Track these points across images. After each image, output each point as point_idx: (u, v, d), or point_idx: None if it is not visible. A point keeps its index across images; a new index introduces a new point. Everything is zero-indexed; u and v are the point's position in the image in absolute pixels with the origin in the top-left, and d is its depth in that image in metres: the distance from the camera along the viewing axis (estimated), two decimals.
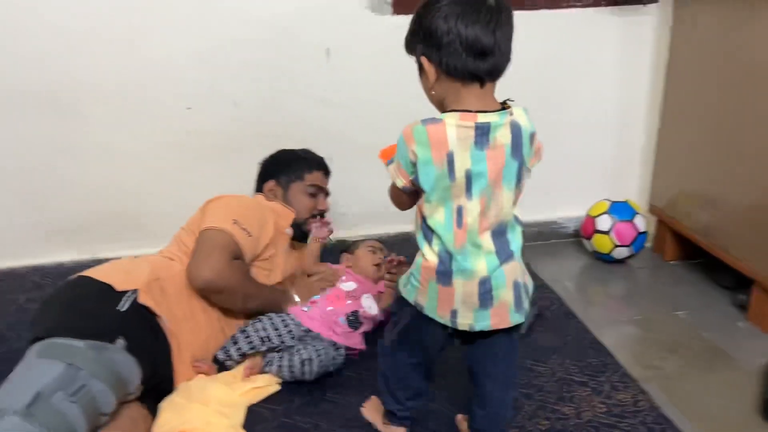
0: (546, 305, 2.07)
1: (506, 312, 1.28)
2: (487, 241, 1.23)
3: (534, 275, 2.24)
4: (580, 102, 2.55)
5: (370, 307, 1.86)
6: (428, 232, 1.25)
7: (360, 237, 2.48)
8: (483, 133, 1.18)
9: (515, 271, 1.27)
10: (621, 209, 2.47)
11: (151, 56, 2.26)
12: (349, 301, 1.85)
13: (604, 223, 2.45)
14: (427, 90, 1.25)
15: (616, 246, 2.43)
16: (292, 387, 1.68)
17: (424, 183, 1.21)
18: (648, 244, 2.55)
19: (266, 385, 1.66)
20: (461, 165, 1.18)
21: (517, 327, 1.32)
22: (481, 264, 1.23)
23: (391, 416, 1.49)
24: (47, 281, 2.27)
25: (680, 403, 1.68)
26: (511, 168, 1.21)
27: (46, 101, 2.25)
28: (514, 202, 1.26)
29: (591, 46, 2.48)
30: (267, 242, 1.87)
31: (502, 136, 1.20)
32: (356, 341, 1.79)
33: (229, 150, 2.40)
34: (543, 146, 1.30)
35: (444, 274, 1.24)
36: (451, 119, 1.18)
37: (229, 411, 1.54)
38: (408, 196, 1.30)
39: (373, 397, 1.57)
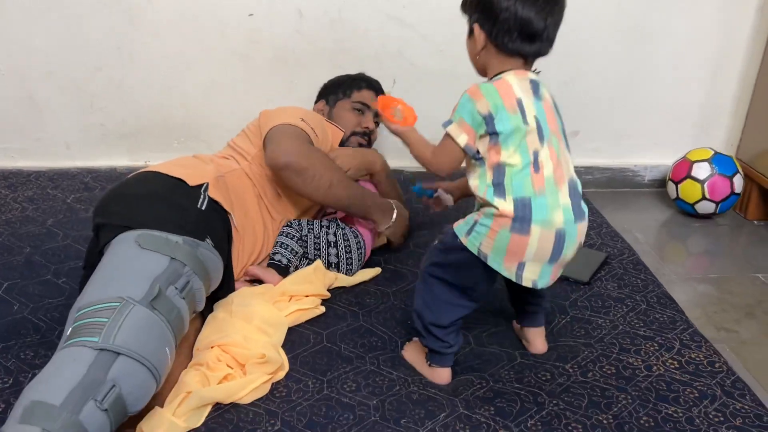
0: (614, 254, 1.92)
1: (561, 268, 1.31)
2: (564, 192, 1.25)
3: (602, 223, 2.12)
4: (671, 41, 2.33)
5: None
6: (501, 182, 1.22)
7: (415, 168, 2.38)
8: (536, 87, 1.26)
9: (584, 232, 1.29)
10: (724, 162, 2.25)
11: None
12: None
13: (702, 170, 2.24)
14: (472, 55, 1.30)
15: (704, 198, 2.23)
16: (339, 313, 1.61)
17: (502, 128, 1.21)
18: None
19: (313, 306, 1.59)
20: (530, 111, 1.23)
21: None
22: (558, 215, 1.23)
23: (435, 356, 1.39)
24: (98, 184, 2.24)
25: (754, 369, 1.54)
26: (560, 122, 1.29)
27: (112, 1, 2.17)
28: (569, 161, 1.30)
29: None
30: (327, 150, 1.79)
31: (547, 93, 1.28)
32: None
33: (290, 64, 2.29)
34: None
35: (522, 220, 1.21)
36: (509, 75, 1.24)
37: (270, 329, 1.47)
38: (461, 157, 1.28)
39: (415, 340, 1.48)
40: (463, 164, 1.31)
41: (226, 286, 1.55)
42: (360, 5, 2.23)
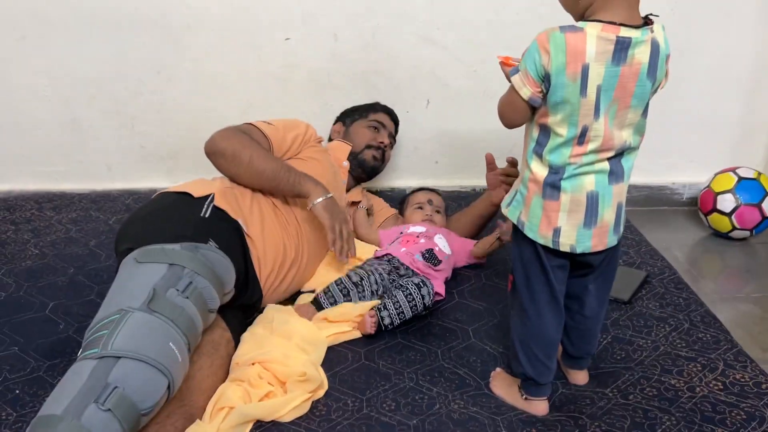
0: (654, 273, 1.89)
1: (605, 233, 1.24)
2: (603, 161, 1.19)
3: (641, 241, 2.09)
4: (709, 54, 2.31)
5: (444, 246, 1.80)
6: (542, 145, 1.19)
7: (448, 188, 2.39)
8: (623, 48, 1.11)
9: (622, 193, 1.24)
10: (749, 188, 2.18)
11: None
12: (422, 240, 1.78)
13: (726, 203, 2.19)
14: None
15: (735, 229, 2.20)
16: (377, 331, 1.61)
17: (554, 95, 1.13)
18: None
19: (351, 329, 1.59)
20: (594, 80, 1.11)
21: (616, 246, 1.30)
22: (590, 178, 1.19)
23: (532, 387, 1.33)
24: (138, 205, 2.28)
25: None
26: (644, 88, 1.16)
27: (153, 24, 2.23)
28: (639, 127, 1.21)
29: None
30: (295, 140, 1.85)
31: (641, 54, 1.12)
32: (438, 284, 1.70)
33: (325, 86, 2.32)
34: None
35: (552, 186, 1.19)
36: (592, 29, 1.10)
37: (310, 348, 1.48)
38: (526, 110, 1.19)
39: (499, 370, 1.45)
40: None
41: (252, 290, 1.58)
42: (393, 28, 2.25)
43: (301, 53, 2.28)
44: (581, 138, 1.15)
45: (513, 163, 1.81)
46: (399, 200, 2.11)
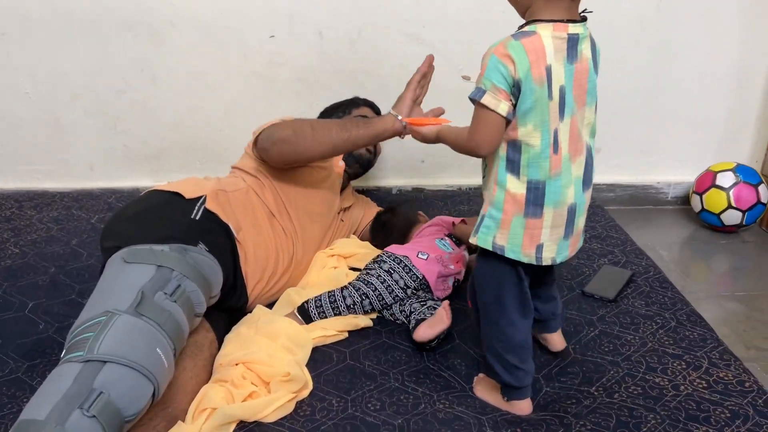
0: (639, 272, 1.90)
1: (578, 239, 1.27)
2: (577, 166, 1.19)
3: (626, 240, 2.09)
4: (692, 55, 2.32)
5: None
6: (515, 161, 1.15)
7: (434, 187, 2.38)
8: (573, 45, 1.12)
9: (589, 197, 1.26)
10: (748, 172, 2.26)
11: None
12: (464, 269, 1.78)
13: (726, 178, 2.24)
14: None
15: (731, 207, 2.21)
16: (363, 331, 1.60)
17: (523, 103, 1.10)
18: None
19: (338, 333, 1.57)
20: (557, 81, 1.11)
21: None
22: (570, 191, 1.19)
23: (513, 391, 1.32)
24: (120, 204, 2.27)
25: None
26: (593, 83, 1.17)
27: (136, 22, 2.21)
28: (594, 126, 1.22)
29: None
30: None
31: (586, 49, 1.14)
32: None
33: (311, 84, 2.31)
34: None
35: (535, 204, 1.17)
36: (545, 30, 1.10)
37: (296, 348, 1.46)
38: (501, 129, 1.13)
39: (482, 375, 1.42)
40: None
41: (239, 294, 1.56)
42: (379, 26, 2.24)
43: (287, 51, 2.26)
44: (555, 145, 1.14)
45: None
46: (387, 204, 2.08)
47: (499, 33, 1.52)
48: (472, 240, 1.25)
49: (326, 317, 1.58)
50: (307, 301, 1.60)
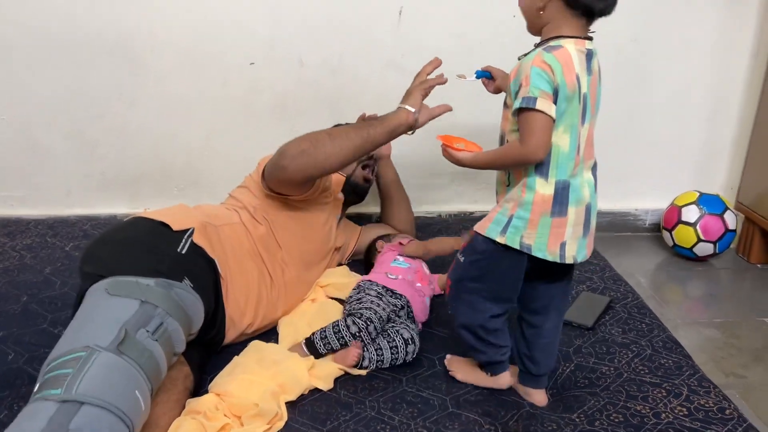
0: (617, 298, 1.90)
1: (592, 240, 1.34)
2: (588, 167, 1.29)
3: (605, 266, 2.10)
4: (668, 84, 2.35)
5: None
6: (545, 163, 1.23)
7: (418, 214, 2.37)
8: (589, 59, 1.22)
9: (597, 199, 1.34)
10: (711, 202, 2.27)
11: (220, 6, 2.18)
12: (432, 286, 1.81)
13: (691, 213, 2.25)
14: (534, 10, 1.22)
15: (701, 241, 2.23)
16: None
17: (558, 107, 1.19)
18: (732, 245, 2.33)
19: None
20: (583, 89, 1.21)
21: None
22: (586, 190, 1.28)
23: (494, 366, 1.45)
24: (97, 231, 2.23)
25: (765, 415, 1.51)
26: (600, 96, 1.27)
27: (115, 49, 2.20)
28: (592, 137, 1.31)
29: (687, 24, 2.28)
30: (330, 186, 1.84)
31: (596, 64, 1.24)
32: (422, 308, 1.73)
33: (291, 111, 2.31)
34: None
35: (561, 203, 1.25)
36: (569, 44, 1.19)
37: (296, 389, 1.44)
38: (552, 129, 1.21)
39: (449, 356, 1.53)
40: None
41: (218, 330, 1.53)
42: (360, 53, 2.25)
43: (267, 78, 2.26)
44: (578, 146, 1.24)
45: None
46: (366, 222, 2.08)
47: (477, 63, 1.54)
48: (500, 239, 1.28)
49: (332, 349, 1.55)
50: (313, 334, 1.56)
